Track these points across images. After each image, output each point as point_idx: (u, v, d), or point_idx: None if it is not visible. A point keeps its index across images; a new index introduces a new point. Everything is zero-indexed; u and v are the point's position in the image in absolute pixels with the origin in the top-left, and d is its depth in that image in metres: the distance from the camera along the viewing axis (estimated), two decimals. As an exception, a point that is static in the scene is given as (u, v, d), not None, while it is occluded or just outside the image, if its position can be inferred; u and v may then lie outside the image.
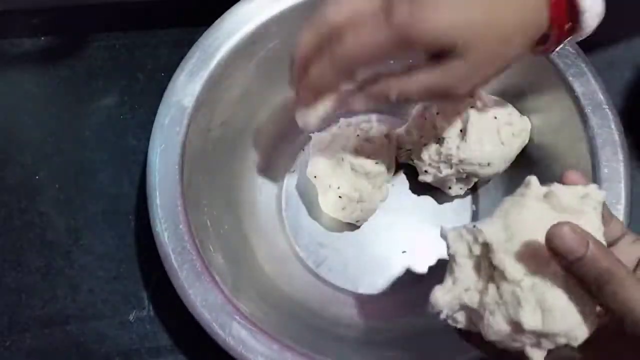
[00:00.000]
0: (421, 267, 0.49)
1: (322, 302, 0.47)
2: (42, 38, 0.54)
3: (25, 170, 0.51)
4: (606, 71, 0.47)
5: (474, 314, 0.31)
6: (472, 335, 0.32)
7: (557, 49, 0.38)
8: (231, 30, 0.46)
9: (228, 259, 0.44)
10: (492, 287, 0.30)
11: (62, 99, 0.53)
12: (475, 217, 0.51)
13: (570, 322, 0.28)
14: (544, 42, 0.37)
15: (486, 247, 0.30)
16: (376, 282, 0.48)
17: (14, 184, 0.50)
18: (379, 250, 0.49)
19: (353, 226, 0.49)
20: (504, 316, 0.29)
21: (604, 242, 0.30)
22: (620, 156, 0.43)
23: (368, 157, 0.47)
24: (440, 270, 0.32)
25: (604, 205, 0.31)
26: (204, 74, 0.45)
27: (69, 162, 0.51)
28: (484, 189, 0.51)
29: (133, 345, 0.46)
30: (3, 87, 0.53)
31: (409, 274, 0.48)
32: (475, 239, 0.30)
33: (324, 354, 0.40)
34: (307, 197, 0.51)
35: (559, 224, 0.28)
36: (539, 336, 0.29)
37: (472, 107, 0.46)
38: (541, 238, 0.28)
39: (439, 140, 0.47)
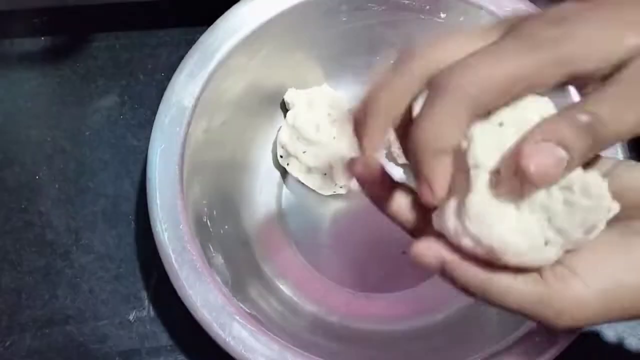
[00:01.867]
0: (421, 268, 0.48)
1: (322, 302, 0.47)
2: (42, 38, 0.54)
3: (25, 170, 0.51)
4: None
5: None
6: None
7: None
8: (231, 30, 0.46)
9: (228, 259, 0.44)
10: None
11: (62, 99, 0.53)
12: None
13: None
14: None
15: None
16: (376, 282, 0.48)
17: (14, 184, 0.50)
18: (379, 250, 0.49)
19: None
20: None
21: None
22: (621, 156, 0.43)
23: None
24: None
25: None
26: (204, 74, 0.45)
27: (69, 162, 0.51)
28: (484, 189, 0.51)
29: (133, 345, 0.46)
30: (3, 87, 0.53)
31: (409, 275, 0.48)
32: None
33: (324, 354, 0.40)
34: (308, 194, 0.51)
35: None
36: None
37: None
38: None
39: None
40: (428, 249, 0.28)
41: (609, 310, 0.28)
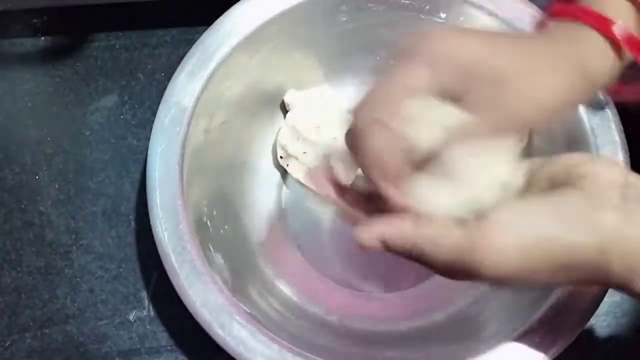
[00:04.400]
0: (422, 268, 0.48)
1: (322, 302, 0.47)
2: (42, 38, 0.54)
3: (25, 170, 0.51)
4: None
5: None
6: None
7: None
8: (231, 30, 0.46)
9: (228, 259, 0.44)
10: None
11: (62, 99, 0.53)
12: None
13: None
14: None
15: None
16: (376, 282, 0.48)
17: (14, 184, 0.50)
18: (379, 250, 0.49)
19: None
20: None
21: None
22: (621, 156, 0.43)
23: None
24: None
25: None
26: (204, 74, 0.45)
27: (69, 162, 0.51)
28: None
29: (133, 345, 0.46)
30: (3, 87, 0.53)
31: (410, 275, 0.48)
32: None
33: (325, 354, 0.40)
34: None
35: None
36: None
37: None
38: None
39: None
40: (369, 228, 0.31)
41: (530, 258, 0.28)
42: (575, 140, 0.44)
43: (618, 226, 0.28)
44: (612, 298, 0.46)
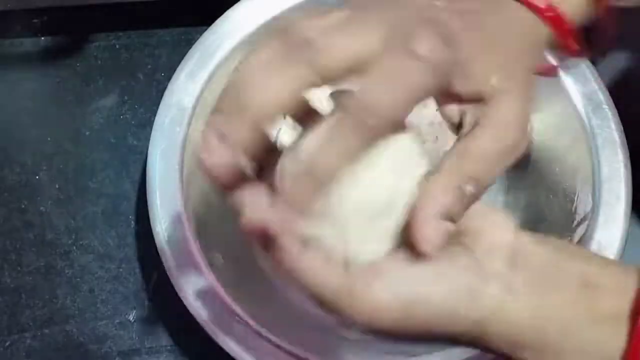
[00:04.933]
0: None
1: (322, 302, 0.47)
2: (42, 38, 0.54)
3: (25, 170, 0.51)
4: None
5: None
6: None
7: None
8: (231, 30, 0.46)
9: (228, 259, 0.44)
10: None
11: (62, 99, 0.53)
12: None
13: None
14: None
15: None
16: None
17: (14, 184, 0.50)
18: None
19: None
20: None
21: None
22: (620, 156, 0.43)
23: None
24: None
25: None
26: (204, 74, 0.45)
27: (69, 162, 0.51)
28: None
29: (133, 345, 0.46)
30: (3, 87, 0.53)
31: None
32: None
33: (325, 354, 0.40)
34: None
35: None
36: None
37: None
38: None
39: (436, 139, 0.47)
40: (258, 210, 0.28)
41: (407, 316, 0.26)
42: (575, 141, 0.44)
43: (499, 299, 0.26)
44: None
